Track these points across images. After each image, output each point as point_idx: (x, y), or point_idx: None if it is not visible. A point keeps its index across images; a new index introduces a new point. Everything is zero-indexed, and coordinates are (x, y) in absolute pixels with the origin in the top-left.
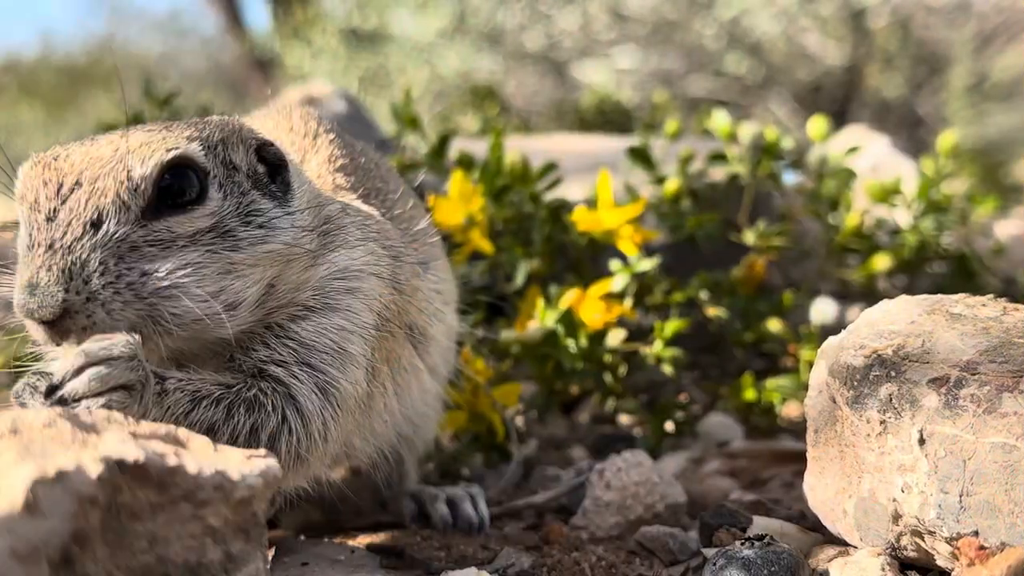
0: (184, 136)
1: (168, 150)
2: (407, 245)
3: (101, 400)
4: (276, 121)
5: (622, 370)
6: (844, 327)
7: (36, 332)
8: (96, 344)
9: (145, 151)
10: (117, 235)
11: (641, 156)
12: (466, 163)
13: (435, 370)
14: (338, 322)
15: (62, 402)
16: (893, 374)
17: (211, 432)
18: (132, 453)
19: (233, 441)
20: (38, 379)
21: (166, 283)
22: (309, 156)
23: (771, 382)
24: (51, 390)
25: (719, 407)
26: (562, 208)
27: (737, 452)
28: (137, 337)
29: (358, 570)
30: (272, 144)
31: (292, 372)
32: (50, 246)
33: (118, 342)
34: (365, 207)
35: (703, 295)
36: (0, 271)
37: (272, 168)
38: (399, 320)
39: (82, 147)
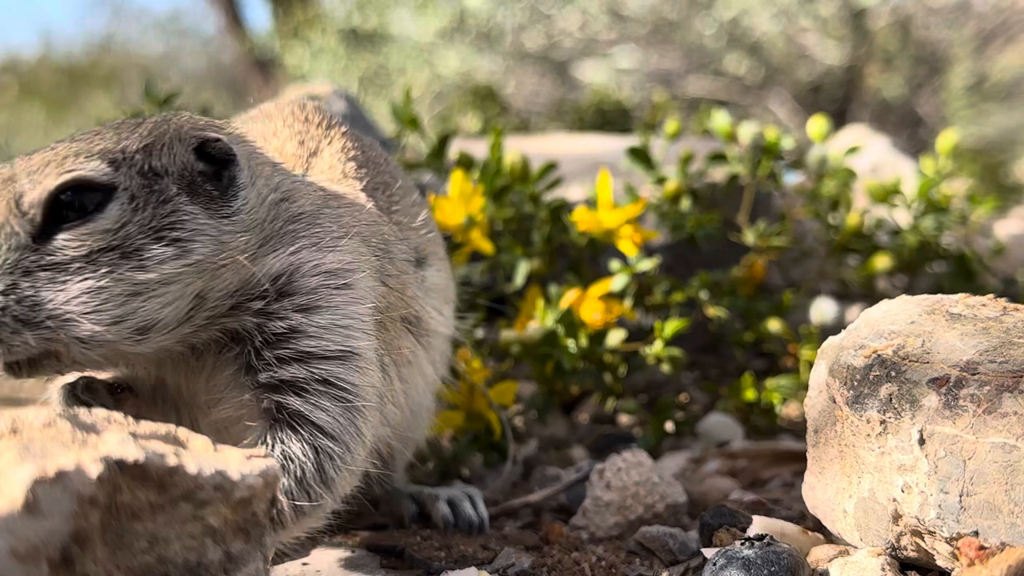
0: (96, 151)
1: (61, 174)
2: (403, 240)
3: None
4: (291, 110)
5: (622, 370)
6: (844, 327)
7: None
8: None
9: (39, 175)
10: (8, 262)
11: (641, 156)
12: (466, 163)
13: (435, 364)
14: (342, 322)
15: None
16: (893, 374)
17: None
18: (132, 453)
19: (294, 494)
20: None
21: (59, 311)
22: (323, 146)
23: (771, 382)
24: None
25: (719, 407)
26: (562, 208)
27: (737, 452)
28: None
29: (358, 570)
30: (219, 139)
31: (313, 402)
32: None
33: None
34: (356, 200)
35: (703, 295)
36: None
37: (222, 163)
38: (395, 313)
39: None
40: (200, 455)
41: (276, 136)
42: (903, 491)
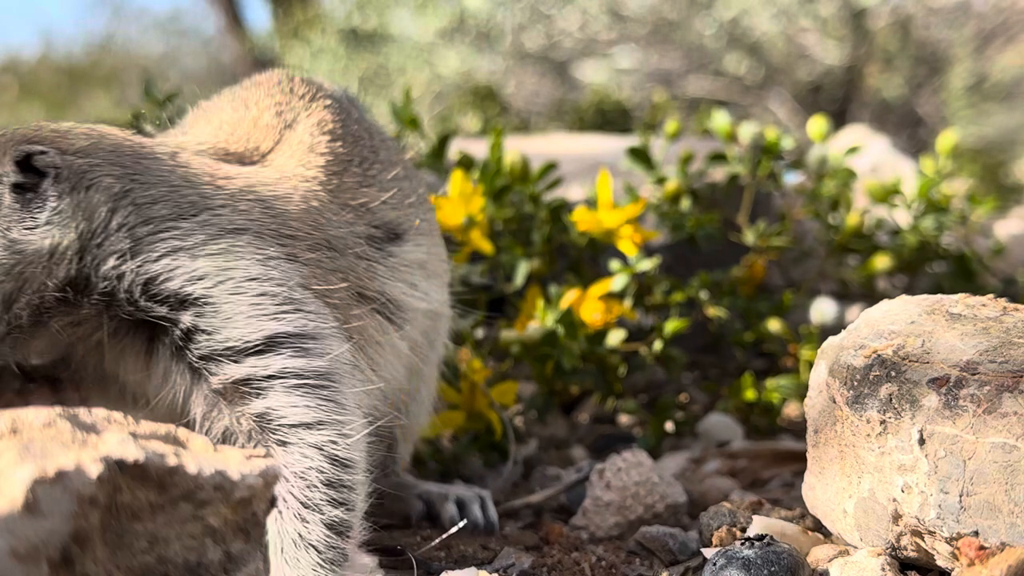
0: None
1: None
2: (364, 216)
3: None
4: (277, 79)
5: (622, 370)
6: (844, 327)
7: None
8: None
9: None
10: None
11: (641, 156)
12: (466, 163)
13: (418, 346)
14: (249, 312)
15: None
16: (893, 374)
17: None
18: (132, 453)
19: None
20: None
21: None
22: (301, 118)
23: (771, 382)
24: None
25: (719, 407)
26: (562, 208)
27: (737, 452)
28: None
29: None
30: (44, 152)
31: (279, 403)
32: None
33: None
34: (264, 194)
35: (703, 295)
36: None
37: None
38: (342, 293)
39: None
40: (200, 455)
41: (256, 105)
42: (903, 491)
